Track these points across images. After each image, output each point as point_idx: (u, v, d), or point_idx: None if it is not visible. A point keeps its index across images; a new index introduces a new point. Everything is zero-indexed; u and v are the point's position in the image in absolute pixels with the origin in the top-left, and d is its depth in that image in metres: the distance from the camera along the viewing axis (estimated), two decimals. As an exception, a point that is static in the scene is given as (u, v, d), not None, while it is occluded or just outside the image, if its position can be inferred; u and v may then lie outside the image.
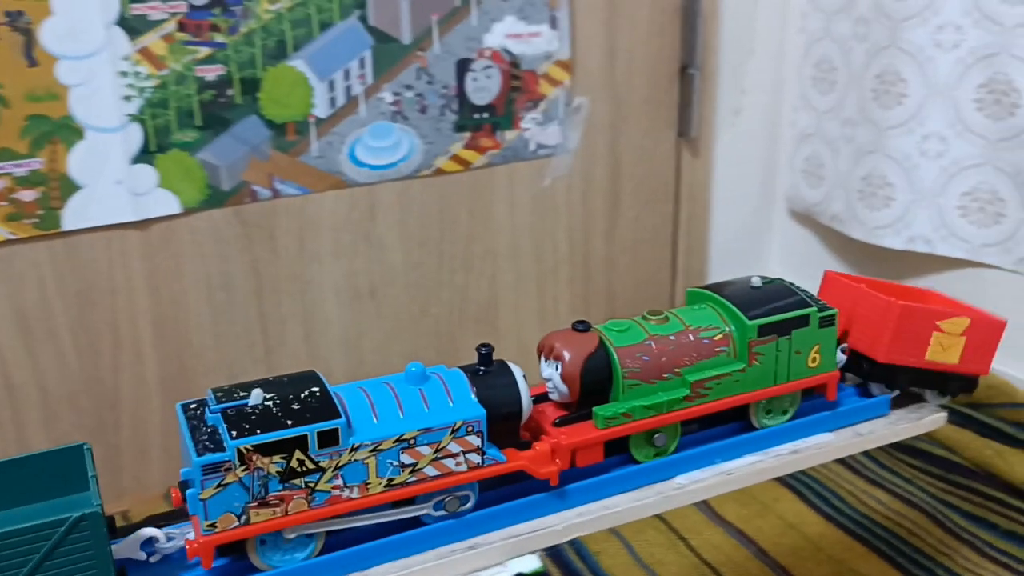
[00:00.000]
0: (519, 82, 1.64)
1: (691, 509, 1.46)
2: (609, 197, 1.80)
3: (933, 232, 1.64)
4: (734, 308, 0.93)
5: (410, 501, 0.82)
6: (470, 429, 0.81)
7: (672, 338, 0.91)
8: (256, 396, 0.76)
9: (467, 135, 1.63)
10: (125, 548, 0.76)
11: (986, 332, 1.05)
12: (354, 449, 0.77)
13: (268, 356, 1.58)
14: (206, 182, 1.48)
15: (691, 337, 0.92)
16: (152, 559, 0.78)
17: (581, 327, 0.90)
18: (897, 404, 1.06)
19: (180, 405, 0.79)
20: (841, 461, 1.55)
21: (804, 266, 1.95)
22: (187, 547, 0.75)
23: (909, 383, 1.04)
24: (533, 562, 1.29)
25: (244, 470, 0.74)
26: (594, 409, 0.88)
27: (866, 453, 1.56)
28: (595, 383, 0.89)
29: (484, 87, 1.62)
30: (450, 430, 0.80)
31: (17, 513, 0.76)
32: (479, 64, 1.61)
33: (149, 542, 0.78)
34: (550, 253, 1.77)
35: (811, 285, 1.04)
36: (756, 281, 0.97)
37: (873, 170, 1.68)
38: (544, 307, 1.79)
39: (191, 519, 0.76)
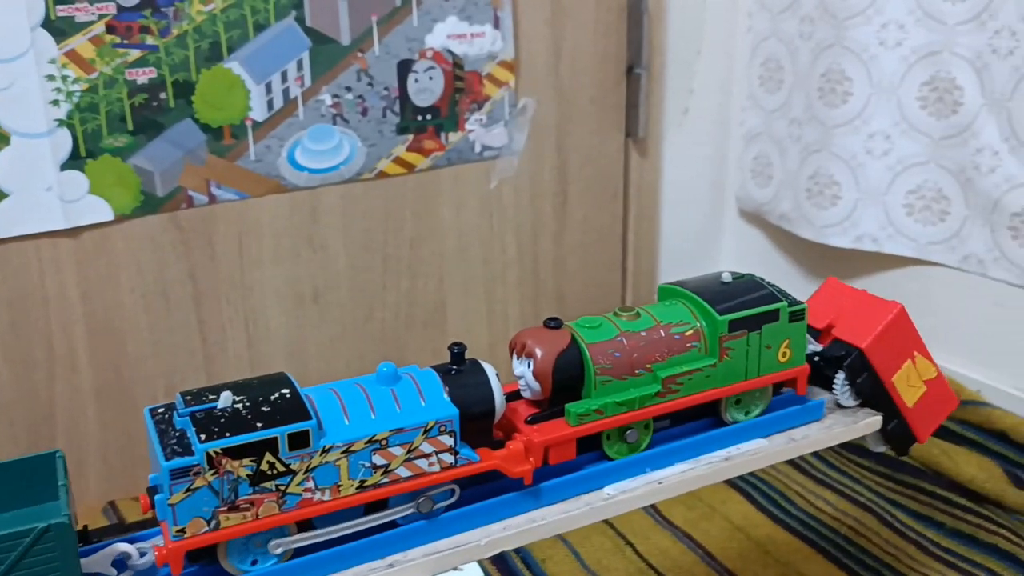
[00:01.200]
0: (463, 83, 1.62)
1: (638, 513, 1.45)
2: (557, 198, 1.79)
3: (880, 231, 1.65)
4: (704, 303, 0.93)
5: (383, 503, 0.80)
6: (443, 429, 0.79)
7: (643, 334, 0.90)
8: (225, 399, 0.74)
9: (410, 137, 1.61)
10: (95, 563, 0.74)
11: (941, 397, 1.05)
12: (325, 451, 0.75)
13: (208, 364, 1.55)
14: (140, 188, 1.45)
15: (662, 333, 0.91)
16: None
17: (553, 324, 0.89)
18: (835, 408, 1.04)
19: (148, 409, 0.77)
20: (789, 461, 1.56)
21: (755, 266, 1.93)
22: (156, 554, 0.72)
23: (868, 390, 1.01)
24: (474, 570, 1.26)
25: (213, 474, 0.71)
26: (566, 406, 0.87)
27: (815, 453, 1.56)
28: (567, 380, 0.87)
29: (426, 88, 1.60)
30: (423, 430, 0.79)
31: (-20, 523, 0.73)
32: (421, 65, 1.59)
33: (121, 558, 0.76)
34: (498, 255, 1.75)
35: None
36: (726, 276, 0.97)
37: (820, 169, 1.69)
38: (492, 310, 1.77)
39: (160, 525, 0.73)
